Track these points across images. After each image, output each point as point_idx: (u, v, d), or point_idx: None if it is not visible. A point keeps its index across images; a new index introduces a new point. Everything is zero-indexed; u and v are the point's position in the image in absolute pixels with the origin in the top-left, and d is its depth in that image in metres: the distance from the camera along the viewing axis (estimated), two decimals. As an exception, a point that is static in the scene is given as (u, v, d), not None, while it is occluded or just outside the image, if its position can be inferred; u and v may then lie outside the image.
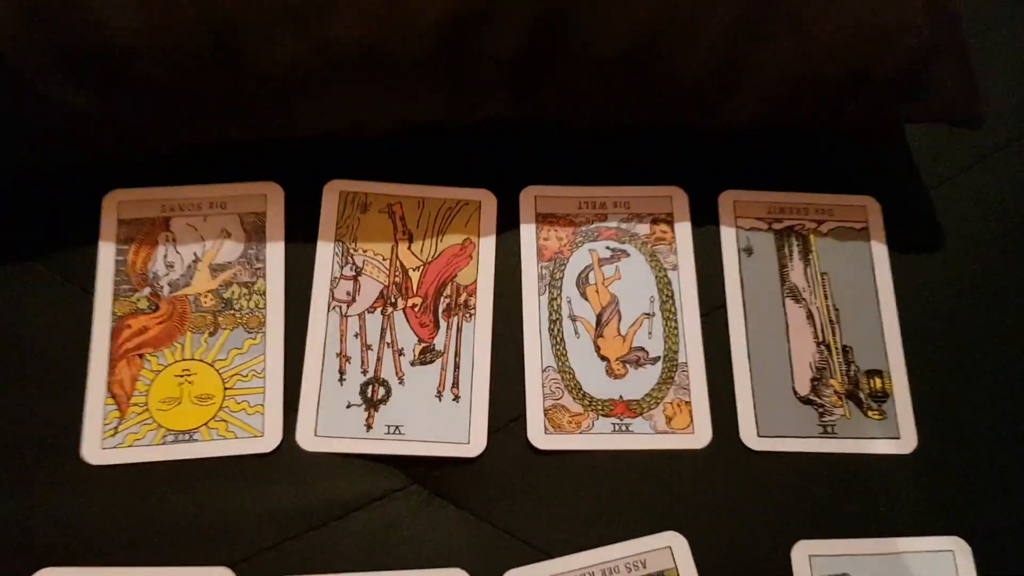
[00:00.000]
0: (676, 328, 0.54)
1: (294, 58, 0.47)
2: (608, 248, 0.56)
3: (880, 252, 0.57)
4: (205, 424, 0.50)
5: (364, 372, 0.52)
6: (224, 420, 0.50)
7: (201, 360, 0.51)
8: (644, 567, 0.48)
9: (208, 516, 0.48)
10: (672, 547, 0.49)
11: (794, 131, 0.57)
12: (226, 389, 0.50)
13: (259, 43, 0.46)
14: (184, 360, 0.51)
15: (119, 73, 0.46)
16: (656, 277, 0.55)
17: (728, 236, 0.57)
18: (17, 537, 0.47)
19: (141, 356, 0.51)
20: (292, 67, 0.47)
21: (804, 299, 0.56)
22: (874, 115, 0.53)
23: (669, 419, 0.52)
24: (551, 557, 0.48)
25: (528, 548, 0.49)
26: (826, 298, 0.56)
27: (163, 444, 0.49)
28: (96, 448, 0.49)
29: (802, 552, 0.50)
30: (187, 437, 0.49)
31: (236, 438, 0.49)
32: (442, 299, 0.54)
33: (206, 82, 0.47)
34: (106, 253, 0.53)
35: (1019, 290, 0.56)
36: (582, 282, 0.55)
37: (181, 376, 0.51)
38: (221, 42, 0.46)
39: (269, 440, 0.50)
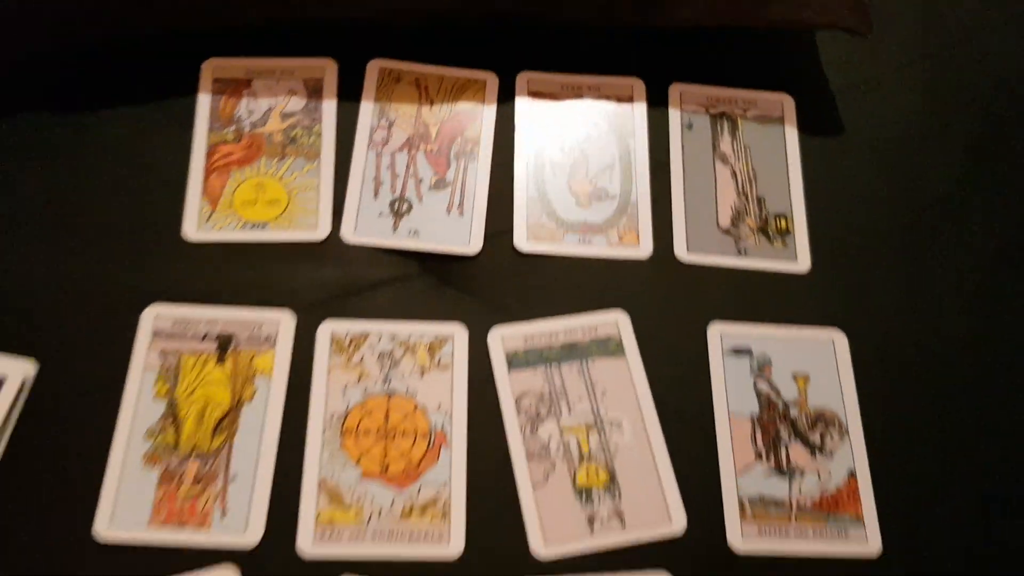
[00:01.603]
0: (631, 177, 0.75)
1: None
2: (582, 118, 0.77)
3: (792, 134, 0.78)
4: (274, 219, 0.71)
5: (392, 192, 0.73)
6: (288, 218, 0.71)
7: (271, 176, 0.72)
8: (596, 332, 0.69)
9: (274, 280, 0.69)
10: (618, 321, 0.69)
11: (730, 37, 0.79)
12: (290, 197, 0.71)
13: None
14: (259, 176, 0.72)
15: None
16: (617, 141, 0.76)
17: (674, 115, 0.78)
18: (130, 288, 0.67)
19: (228, 171, 0.72)
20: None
21: (730, 163, 0.77)
22: (784, 19, 0.74)
23: (621, 237, 0.73)
24: (527, 323, 0.69)
25: (510, 318, 0.69)
26: (747, 163, 0.77)
27: (243, 230, 0.70)
28: (194, 230, 0.70)
29: (715, 330, 0.70)
30: (261, 226, 0.70)
31: (297, 228, 0.70)
32: (453, 146, 0.75)
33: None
34: (203, 101, 0.75)
35: (893, 163, 0.77)
36: (560, 140, 0.76)
37: (257, 186, 0.72)
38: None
39: (320, 233, 0.70)
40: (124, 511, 0.60)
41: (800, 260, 0.73)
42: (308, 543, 0.59)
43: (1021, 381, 0.69)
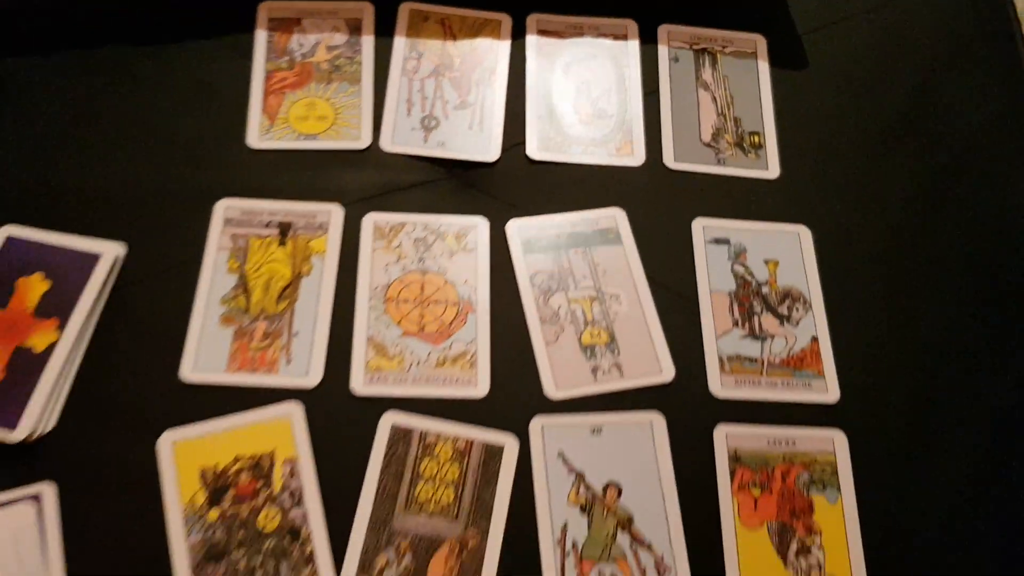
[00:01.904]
0: (626, 100, 0.86)
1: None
2: (584, 53, 0.88)
3: (764, 67, 0.89)
4: (323, 131, 0.81)
5: (423, 111, 0.83)
6: (336, 131, 0.82)
7: (320, 97, 0.83)
8: (597, 224, 0.79)
9: (324, 181, 0.79)
10: (616, 216, 0.80)
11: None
12: (336, 115, 0.82)
13: None
14: (310, 96, 0.83)
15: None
16: (615, 71, 0.87)
17: (663, 50, 0.89)
18: (203, 187, 0.78)
19: (283, 93, 0.83)
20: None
21: (711, 89, 0.88)
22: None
23: (618, 149, 0.83)
24: (539, 216, 0.80)
25: (525, 214, 0.80)
26: (725, 90, 0.88)
27: (297, 140, 0.81)
28: (256, 139, 0.81)
29: (699, 224, 0.80)
30: (313, 137, 0.81)
31: (343, 139, 0.81)
32: (474, 74, 0.86)
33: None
34: (260, 36, 0.86)
35: (851, 92, 0.88)
36: (566, 70, 0.87)
37: (308, 105, 0.83)
38: None
39: (363, 142, 0.81)
40: (204, 359, 0.70)
41: (771, 168, 0.84)
42: (359, 384, 0.70)
43: (956, 260, 0.80)
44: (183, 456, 0.67)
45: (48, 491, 0.65)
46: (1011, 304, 0.79)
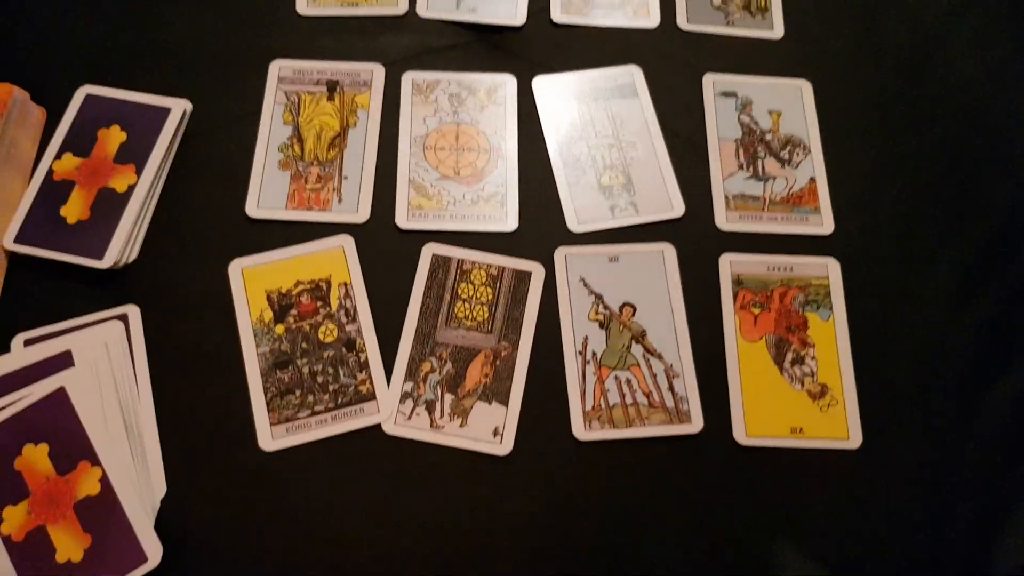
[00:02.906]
0: (642, -31, 0.87)
1: None
2: None
3: (773, -63, 0.90)
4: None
5: (455, -20, 0.85)
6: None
7: None
8: (616, 80, 0.81)
9: (366, 44, 0.82)
10: (633, 72, 0.82)
11: None
12: None
13: None
14: None
15: None
16: None
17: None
18: (254, 52, 0.81)
19: None
20: None
21: (722, -43, 0.88)
22: None
23: (635, 12, 0.85)
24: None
25: (549, 72, 0.82)
26: (736, -42, 0.88)
27: (342, 7, 0.83)
28: (305, 6, 0.83)
29: (708, 79, 0.82)
30: (355, 4, 0.83)
31: (382, 5, 0.83)
32: None
33: None
34: None
35: None
36: None
37: None
38: None
39: (401, 8, 0.83)
40: (266, 198, 0.74)
41: (776, 29, 0.85)
42: (403, 219, 0.74)
43: (941, 108, 0.81)
44: (251, 280, 0.72)
45: (134, 311, 0.70)
46: (988, 146, 0.80)
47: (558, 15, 0.84)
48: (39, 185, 0.74)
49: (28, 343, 0.69)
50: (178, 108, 0.77)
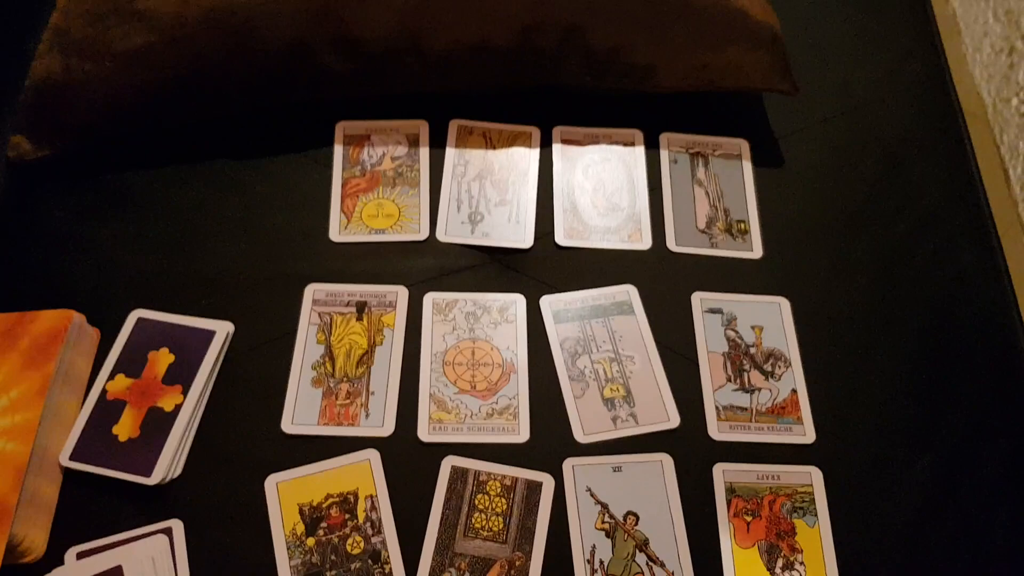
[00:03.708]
0: (634, 195, 0.97)
1: (445, 46, 0.92)
2: (599, 157, 0.99)
3: (748, 166, 1.00)
4: (390, 226, 0.92)
5: (470, 207, 0.94)
6: (400, 225, 0.93)
7: (386, 199, 0.94)
8: (614, 299, 0.89)
9: (391, 267, 0.90)
10: (629, 291, 0.90)
11: (702, 99, 1.01)
12: (400, 212, 0.93)
13: (431, 41, 0.91)
14: (378, 198, 0.94)
15: (364, 55, 0.92)
16: (624, 171, 0.98)
17: (664, 154, 1.00)
18: (295, 274, 0.89)
19: (356, 196, 0.94)
20: (443, 53, 0.92)
21: (704, 185, 0.98)
22: (738, 87, 0.97)
23: (629, 236, 0.94)
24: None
25: (554, 291, 0.90)
26: (716, 186, 0.98)
27: (369, 234, 0.92)
28: (336, 234, 0.92)
29: (697, 297, 0.90)
30: (382, 231, 0.92)
31: (405, 233, 0.92)
32: (510, 177, 0.97)
33: (402, 62, 0.92)
34: (338, 150, 0.97)
35: (822, 183, 0.99)
36: (585, 171, 0.98)
37: (377, 205, 0.94)
38: (415, 43, 0.91)
39: (422, 235, 0.92)
40: (300, 415, 0.80)
41: (755, 250, 0.94)
42: (425, 433, 0.80)
43: (913, 320, 0.89)
44: (285, 494, 0.76)
45: (177, 525, 0.75)
46: (955, 355, 0.87)
47: (561, 239, 0.93)
48: (93, 404, 0.80)
49: (80, 556, 0.73)
50: (222, 331, 0.84)
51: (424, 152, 0.97)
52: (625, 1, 0.93)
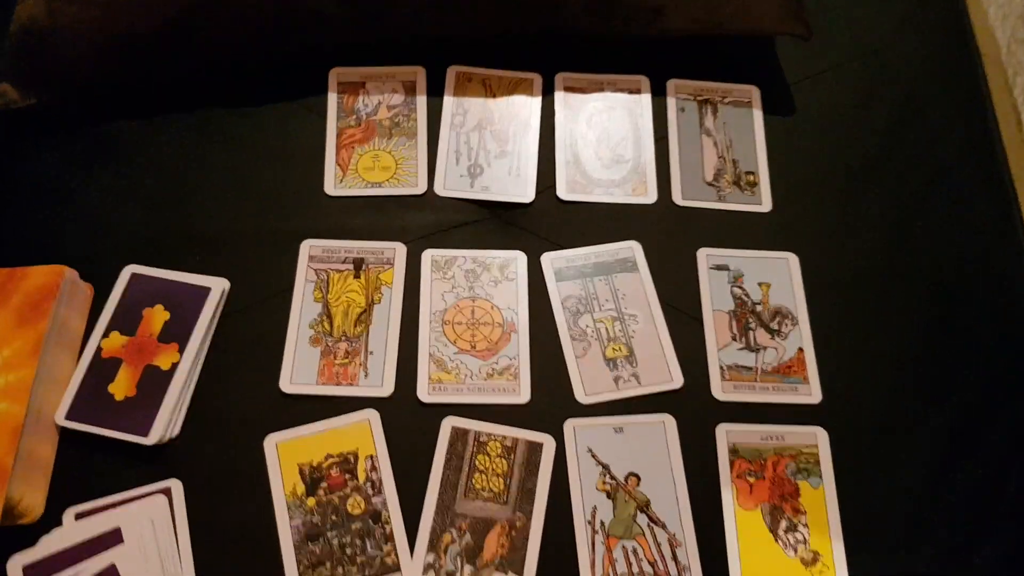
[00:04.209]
0: (640, 146, 0.93)
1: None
2: (604, 104, 0.95)
3: (758, 115, 0.96)
4: (387, 180, 0.89)
5: (469, 160, 0.91)
6: (397, 178, 0.90)
7: (383, 150, 0.91)
8: (617, 255, 0.87)
9: (389, 222, 0.87)
10: (633, 247, 0.87)
11: (712, 44, 0.97)
12: (397, 165, 0.90)
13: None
14: (374, 150, 0.91)
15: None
16: (630, 121, 0.95)
17: (671, 102, 0.96)
18: (290, 229, 0.86)
19: (351, 147, 0.91)
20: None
21: (712, 135, 0.95)
22: (748, 30, 0.92)
23: (634, 189, 0.91)
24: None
25: (556, 247, 0.87)
26: (725, 135, 0.95)
27: (365, 188, 0.89)
28: (332, 188, 0.89)
29: (703, 253, 0.87)
30: (378, 185, 0.89)
31: (403, 186, 0.89)
32: (511, 127, 0.93)
33: (396, 5, 0.88)
34: (332, 99, 0.94)
35: (832, 133, 0.95)
36: (589, 120, 0.94)
37: (374, 157, 0.90)
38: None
39: (420, 188, 0.89)
40: (298, 374, 0.79)
41: (764, 203, 0.91)
42: (424, 394, 0.78)
43: (923, 277, 0.86)
44: (285, 454, 0.75)
45: (176, 485, 0.74)
46: (969, 315, 0.85)
47: (563, 192, 0.90)
48: (88, 363, 0.79)
49: (79, 516, 0.72)
50: (217, 287, 0.82)
51: (421, 101, 0.94)
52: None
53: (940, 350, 0.82)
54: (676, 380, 0.80)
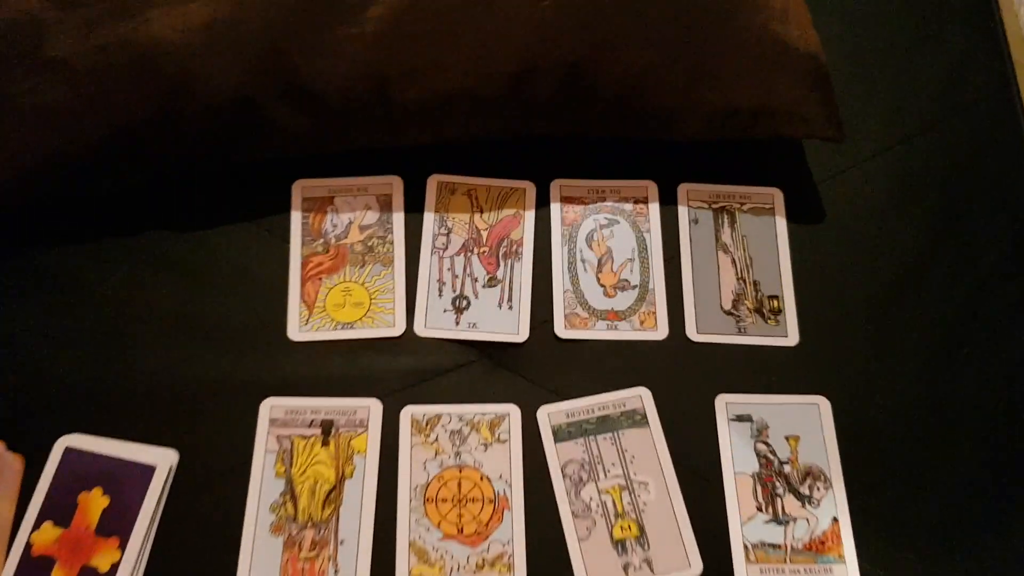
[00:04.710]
0: (648, 268, 0.81)
1: (421, 97, 0.75)
2: (606, 218, 0.83)
3: (781, 223, 0.84)
4: (359, 319, 0.78)
5: (453, 290, 0.79)
6: (372, 317, 0.78)
7: (355, 282, 0.79)
8: (624, 406, 0.76)
9: (362, 371, 0.76)
10: (642, 396, 0.76)
11: (727, 142, 0.85)
12: (371, 299, 0.78)
13: (402, 90, 0.74)
14: (345, 281, 0.79)
15: (319, 106, 0.75)
16: (636, 237, 0.83)
17: (683, 212, 0.84)
18: (247, 382, 0.75)
19: (320, 279, 0.79)
20: (419, 103, 0.75)
21: (730, 251, 0.83)
22: (772, 133, 0.80)
23: (642, 322, 0.79)
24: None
25: (554, 395, 0.76)
26: (744, 251, 0.83)
27: (335, 330, 0.77)
28: (296, 331, 0.77)
29: (721, 401, 0.76)
30: (349, 326, 0.77)
31: (378, 327, 0.77)
32: (501, 248, 0.81)
33: (368, 113, 0.76)
34: (296, 218, 0.81)
35: (866, 245, 0.83)
36: (589, 239, 0.82)
37: (344, 291, 0.79)
38: (378, 90, 0.74)
39: (397, 329, 0.77)
40: (257, 571, 0.68)
41: (790, 335, 0.79)
42: (404, 594, 0.68)
43: (969, 430, 0.75)
44: (243, 675, 0.65)
45: None
46: (1021, 459, 0.75)
47: (561, 330, 0.78)
48: (16, 564, 0.68)
49: None
50: (164, 464, 0.71)
51: (399, 219, 0.82)
52: (637, 32, 0.75)
53: (1005, 504, 0.72)
54: (695, 566, 0.69)
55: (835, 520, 0.72)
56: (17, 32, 0.73)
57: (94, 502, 0.70)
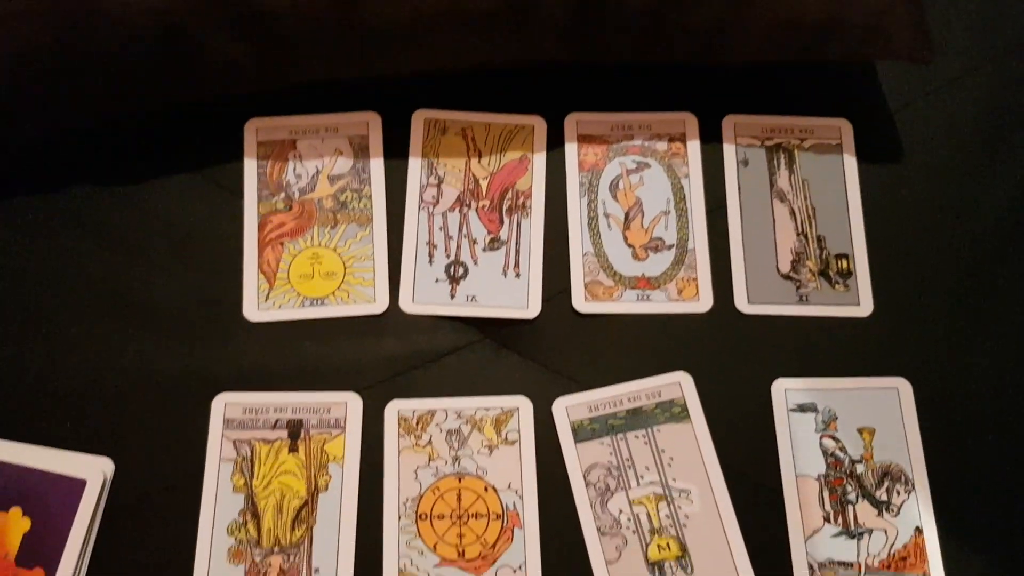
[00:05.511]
0: (686, 223, 0.67)
1: (397, 15, 0.60)
2: (634, 161, 0.69)
3: (851, 163, 0.70)
4: (332, 293, 0.64)
5: (447, 255, 0.66)
6: (346, 290, 0.64)
7: (325, 246, 0.65)
8: (659, 396, 0.63)
9: (337, 359, 0.63)
10: (681, 382, 0.63)
11: (783, 66, 0.69)
12: (346, 268, 0.65)
13: (374, 5, 0.59)
14: (312, 247, 0.65)
15: (268, 30, 0.60)
16: (671, 184, 0.68)
17: (729, 151, 0.69)
18: (195, 374, 0.62)
19: (281, 244, 0.65)
20: (395, 23, 0.60)
21: (788, 200, 0.68)
22: (844, 54, 0.65)
23: (680, 291, 0.65)
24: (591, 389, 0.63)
25: (573, 383, 0.63)
26: (806, 199, 0.68)
27: (302, 307, 0.64)
28: (254, 310, 0.64)
29: (779, 387, 0.63)
30: (319, 302, 0.64)
31: (355, 303, 0.64)
32: (505, 201, 0.67)
33: (331, 36, 0.60)
34: (250, 167, 0.67)
35: (955, 189, 0.69)
36: (613, 187, 0.68)
37: (312, 258, 0.65)
38: (344, 6, 0.59)
39: (379, 305, 0.64)
40: (214, 611, 0.56)
41: (863, 304, 0.66)
42: (393, 637, 0.56)
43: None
44: None
45: None
46: None
47: (580, 302, 0.65)
48: (-82, 604, 0.56)
49: None
50: (96, 477, 0.59)
51: (377, 167, 0.67)
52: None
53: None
54: (749, 595, 0.57)
55: (919, 531, 0.60)
56: None
57: (14, 525, 0.58)
